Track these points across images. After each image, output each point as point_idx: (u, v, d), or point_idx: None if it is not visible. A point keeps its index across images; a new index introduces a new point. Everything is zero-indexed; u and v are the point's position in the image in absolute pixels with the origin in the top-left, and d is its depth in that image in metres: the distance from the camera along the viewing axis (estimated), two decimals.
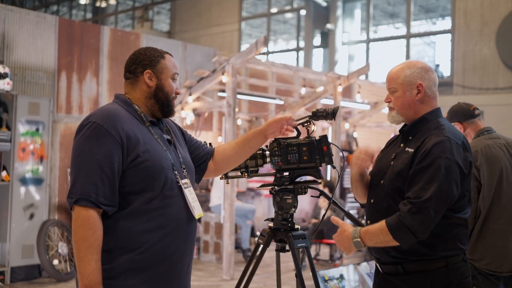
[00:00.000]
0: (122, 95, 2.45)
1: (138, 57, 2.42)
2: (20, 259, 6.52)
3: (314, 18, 17.94)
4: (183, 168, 2.42)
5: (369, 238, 2.49)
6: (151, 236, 2.24)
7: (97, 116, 2.26)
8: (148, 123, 2.39)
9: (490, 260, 3.40)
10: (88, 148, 2.20)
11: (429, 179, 2.39)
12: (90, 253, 2.12)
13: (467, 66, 14.47)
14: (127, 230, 2.22)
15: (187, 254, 2.39)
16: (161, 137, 2.40)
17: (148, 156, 2.25)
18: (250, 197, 10.09)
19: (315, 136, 2.81)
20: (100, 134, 2.20)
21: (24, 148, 6.53)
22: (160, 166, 2.28)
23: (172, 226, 2.30)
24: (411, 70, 2.61)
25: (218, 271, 7.61)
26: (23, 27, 7.53)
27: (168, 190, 2.30)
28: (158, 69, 2.42)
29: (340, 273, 4.86)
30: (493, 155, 3.50)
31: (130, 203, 2.24)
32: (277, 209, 2.89)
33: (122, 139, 2.22)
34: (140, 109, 2.40)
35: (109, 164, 2.18)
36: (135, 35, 9.43)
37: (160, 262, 2.27)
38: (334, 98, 9.44)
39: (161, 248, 2.26)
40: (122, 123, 2.26)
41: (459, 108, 3.72)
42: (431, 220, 2.38)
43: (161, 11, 23.74)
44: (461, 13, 14.72)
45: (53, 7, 27.18)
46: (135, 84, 2.43)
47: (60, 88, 7.97)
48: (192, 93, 8.43)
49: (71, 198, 2.17)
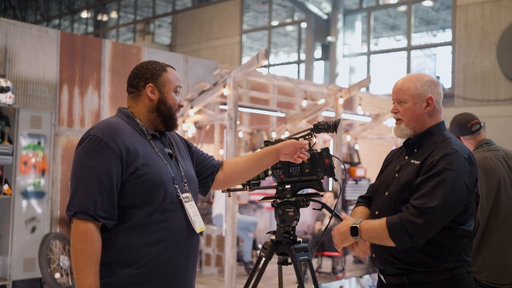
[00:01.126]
0: (125, 109, 2.45)
1: (140, 71, 2.43)
2: (22, 273, 6.50)
3: (315, 30, 18.01)
4: (185, 182, 2.42)
5: (367, 230, 2.49)
6: (151, 250, 2.23)
7: (97, 129, 2.27)
8: (149, 136, 2.39)
9: (490, 272, 3.39)
10: (87, 161, 2.21)
11: (435, 187, 2.39)
12: (88, 266, 2.12)
13: (468, 78, 14.49)
14: (127, 244, 2.21)
15: (188, 268, 2.37)
16: (162, 150, 2.40)
17: (147, 169, 2.25)
18: (252, 210, 10.07)
19: (316, 148, 2.82)
20: (100, 147, 2.21)
21: (26, 162, 6.54)
22: (160, 180, 2.27)
23: (172, 240, 2.29)
24: (421, 82, 2.61)
25: (220, 284, 7.58)
26: (25, 41, 7.57)
27: (168, 203, 2.29)
28: (160, 83, 2.42)
29: (343, 285, 4.83)
30: (491, 167, 3.48)
31: (129, 217, 2.23)
32: (279, 222, 2.88)
33: (121, 151, 2.22)
34: (141, 122, 2.40)
35: (107, 177, 2.18)
36: (136, 49, 9.46)
37: (160, 277, 2.26)
38: (335, 111, 9.45)
39: (161, 263, 2.25)
40: (122, 136, 2.26)
41: (457, 122, 3.70)
42: (430, 227, 2.38)
43: (162, 24, 23.86)
44: (462, 25, 14.77)
45: (54, 21, 27.36)
46: (138, 98, 2.43)
47: (62, 101, 7.99)
48: (194, 106, 8.45)
49: (70, 211, 2.17)
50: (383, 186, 2.66)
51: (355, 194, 10.50)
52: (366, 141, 12.64)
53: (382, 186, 2.68)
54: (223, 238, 7.98)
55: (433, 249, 2.45)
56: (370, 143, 13.02)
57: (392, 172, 2.66)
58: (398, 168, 2.63)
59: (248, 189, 2.79)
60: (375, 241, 2.50)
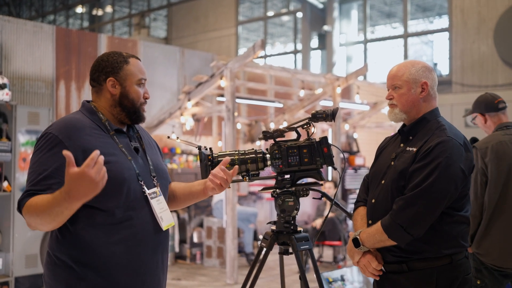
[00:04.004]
0: (89, 103, 2.36)
1: (101, 64, 2.32)
2: (24, 269, 6.51)
3: (311, 20, 17.96)
4: (153, 176, 2.34)
5: (367, 238, 2.53)
6: (116, 249, 2.17)
7: (54, 126, 2.19)
8: (113, 131, 2.29)
9: (496, 256, 3.41)
10: (38, 158, 2.14)
11: (426, 176, 2.41)
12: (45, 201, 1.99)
13: (465, 64, 14.47)
14: (90, 244, 2.15)
15: (157, 266, 2.31)
16: (127, 145, 2.31)
17: (108, 167, 2.06)
18: (251, 201, 10.09)
19: (315, 138, 2.81)
20: (53, 145, 2.13)
21: (25, 158, 6.53)
22: (121, 177, 2.18)
23: (137, 238, 2.22)
24: (416, 68, 2.62)
25: (222, 276, 7.60)
26: (20, 37, 7.54)
27: (131, 201, 2.21)
28: (122, 76, 2.31)
29: (344, 274, 4.85)
30: (504, 152, 3.48)
31: (92, 216, 2.16)
32: (279, 212, 2.88)
33: (76, 152, 2.10)
34: (104, 117, 2.31)
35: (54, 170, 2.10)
36: (132, 42, 9.43)
37: (126, 277, 2.20)
38: (333, 100, 9.45)
39: (126, 262, 2.19)
40: (80, 134, 2.17)
41: (484, 99, 3.70)
42: (422, 215, 2.40)
43: (158, 17, 23.77)
44: (458, 11, 14.73)
45: (49, 17, 27.25)
46: (100, 92, 2.33)
47: (59, 97, 7.97)
48: (191, 98, 8.44)
49: (19, 208, 2.09)
50: (379, 175, 2.67)
51: (354, 183, 10.51)
52: (364, 130, 12.64)
53: (378, 174, 2.68)
54: (223, 230, 7.99)
55: (431, 236, 2.47)
56: (368, 132, 13.02)
57: (388, 159, 2.66)
58: (393, 156, 2.63)
59: (248, 180, 2.78)
60: (379, 246, 2.52)
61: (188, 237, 8.62)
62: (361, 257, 2.59)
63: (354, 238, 2.57)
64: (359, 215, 2.74)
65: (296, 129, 2.81)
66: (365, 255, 2.58)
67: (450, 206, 2.47)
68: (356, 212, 2.78)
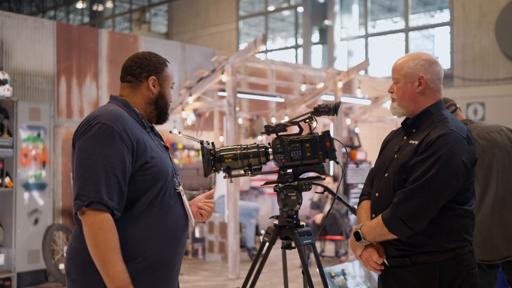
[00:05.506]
0: (121, 97, 2.40)
1: (144, 61, 2.39)
2: (26, 265, 6.52)
3: (312, 14, 17.91)
4: (177, 174, 2.43)
5: (368, 232, 2.52)
6: (152, 244, 2.22)
7: (105, 117, 2.19)
8: (149, 128, 2.37)
9: (478, 251, 3.37)
10: (99, 149, 2.12)
11: (426, 169, 2.40)
12: (115, 253, 2.06)
13: (466, 58, 14.44)
14: (129, 239, 2.17)
15: (181, 259, 2.40)
16: (160, 143, 2.40)
17: (155, 162, 2.23)
18: (253, 196, 10.08)
19: (317, 132, 2.80)
20: (112, 137, 2.14)
21: (26, 154, 6.53)
22: (165, 173, 2.27)
23: (170, 233, 2.28)
24: (414, 62, 2.60)
25: (224, 271, 7.60)
26: (21, 33, 7.52)
27: (168, 197, 2.28)
28: (162, 77, 2.42)
29: (346, 268, 4.85)
30: None
31: (132, 210, 2.20)
32: (281, 206, 2.87)
33: (132, 143, 2.18)
34: (140, 113, 2.37)
35: (121, 168, 2.13)
36: (133, 38, 9.42)
37: (159, 269, 2.24)
38: (335, 94, 9.43)
39: (160, 256, 2.24)
40: (130, 126, 2.22)
41: None
42: (423, 208, 2.39)
43: (158, 12, 23.73)
44: (459, 5, 14.69)
45: (50, 12, 27.21)
46: (137, 88, 2.39)
47: (60, 92, 7.97)
48: (192, 93, 8.42)
49: (82, 200, 2.08)
50: (383, 168, 2.66)
51: (356, 178, 10.50)
52: (366, 124, 12.63)
53: (382, 167, 2.68)
54: (225, 225, 7.99)
55: (434, 229, 2.45)
56: (370, 126, 13.00)
57: (391, 153, 2.66)
58: (397, 149, 2.62)
59: (250, 175, 2.78)
60: (380, 239, 2.52)
61: (190, 232, 8.63)
62: (363, 250, 2.59)
63: (355, 231, 2.57)
64: (362, 209, 2.74)
65: (298, 123, 2.81)
66: (367, 249, 2.58)
67: (452, 200, 2.45)
68: (360, 206, 2.77)
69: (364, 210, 2.72)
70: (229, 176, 2.85)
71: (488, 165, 3.46)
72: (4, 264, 6.37)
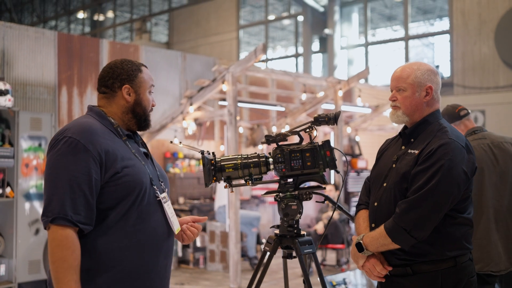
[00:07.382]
0: (97, 108, 2.37)
1: (115, 71, 2.35)
2: (27, 275, 6.51)
3: (312, 23, 17.98)
4: (161, 181, 2.38)
5: (371, 242, 2.52)
6: (129, 253, 2.18)
7: (73, 130, 2.17)
8: (125, 137, 2.32)
9: (476, 261, 3.37)
10: (64, 164, 2.11)
11: (428, 178, 2.41)
12: (69, 273, 2.03)
13: (466, 66, 14.47)
14: (104, 248, 2.14)
15: (165, 270, 2.34)
16: (138, 151, 2.34)
17: (127, 171, 2.18)
18: (254, 205, 10.08)
19: (317, 141, 2.81)
20: (77, 150, 2.12)
21: (28, 164, 6.54)
22: (139, 181, 2.21)
23: (150, 242, 2.24)
24: (421, 71, 2.60)
25: (225, 280, 7.59)
26: (22, 43, 7.56)
27: (146, 205, 2.23)
28: (136, 84, 2.36)
29: (348, 277, 4.84)
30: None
31: (107, 220, 2.16)
32: (282, 215, 2.88)
33: (100, 155, 2.14)
34: (116, 122, 2.33)
35: (86, 181, 2.10)
36: (134, 47, 9.45)
37: (138, 280, 2.21)
38: (335, 103, 9.45)
39: (140, 266, 2.20)
40: (99, 137, 2.18)
41: (445, 112, 3.72)
42: (426, 218, 2.39)
43: (159, 22, 23.82)
44: (459, 13, 14.74)
45: (51, 22, 27.31)
46: (112, 99, 2.35)
47: (61, 102, 7.99)
48: (193, 102, 8.44)
49: (47, 216, 2.08)
50: (381, 177, 2.66)
51: (357, 186, 10.50)
52: (366, 133, 12.64)
53: (379, 176, 2.68)
54: (226, 234, 7.99)
55: (435, 238, 2.46)
56: (370, 135, 13.01)
57: (389, 162, 2.66)
58: (395, 159, 2.62)
59: (251, 184, 2.78)
60: (383, 249, 2.52)
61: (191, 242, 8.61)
62: (366, 261, 2.59)
63: (357, 242, 2.56)
64: (360, 218, 2.74)
65: (298, 133, 2.81)
66: (369, 259, 2.58)
67: (453, 208, 2.47)
68: (358, 215, 2.77)
69: (362, 220, 2.73)
70: (230, 185, 2.85)
71: (500, 172, 3.47)
72: (5, 275, 6.36)
